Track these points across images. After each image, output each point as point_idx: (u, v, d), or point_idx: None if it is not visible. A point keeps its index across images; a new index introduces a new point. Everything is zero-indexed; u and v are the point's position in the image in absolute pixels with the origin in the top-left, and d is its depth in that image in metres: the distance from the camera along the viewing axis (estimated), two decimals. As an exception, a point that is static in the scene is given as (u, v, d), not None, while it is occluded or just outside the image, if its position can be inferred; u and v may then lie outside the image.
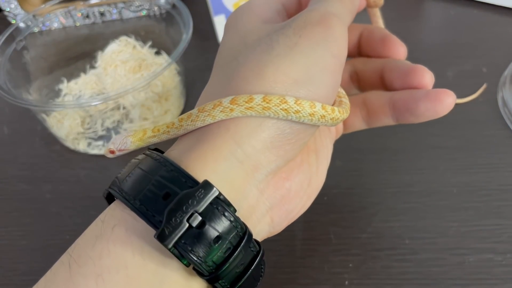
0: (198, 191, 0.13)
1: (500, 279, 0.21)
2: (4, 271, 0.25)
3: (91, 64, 0.36)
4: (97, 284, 0.12)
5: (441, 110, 0.18)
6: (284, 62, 0.15)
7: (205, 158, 0.14)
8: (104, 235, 0.13)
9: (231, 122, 0.15)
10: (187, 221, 0.13)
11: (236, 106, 0.14)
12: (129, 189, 0.14)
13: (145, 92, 0.31)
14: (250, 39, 0.16)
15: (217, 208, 0.13)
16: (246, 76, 0.15)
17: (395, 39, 0.20)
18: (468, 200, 0.25)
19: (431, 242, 0.23)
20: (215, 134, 0.15)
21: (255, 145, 0.14)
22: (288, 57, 0.15)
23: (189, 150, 0.15)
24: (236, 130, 0.14)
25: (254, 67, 0.15)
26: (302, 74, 0.15)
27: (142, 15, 0.39)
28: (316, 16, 0.15)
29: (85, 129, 0.32)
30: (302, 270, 0.23)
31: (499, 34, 0.37)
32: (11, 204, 0.29)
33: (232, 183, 0.14)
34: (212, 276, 0.13)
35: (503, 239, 0.23)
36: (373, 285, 0.22)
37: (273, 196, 0.16)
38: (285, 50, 0.15)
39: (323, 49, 0.15)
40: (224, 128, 0.15)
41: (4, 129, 0.34)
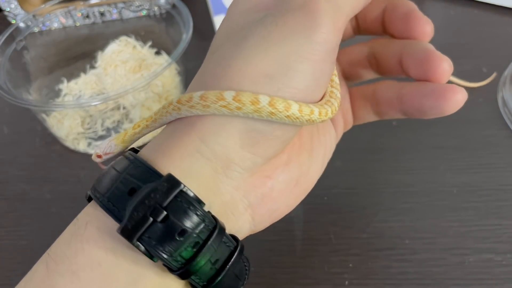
0: (161, 185, 0.13)
1: (500, 279, 0.21)
2: (4, 271, 0.25)
3: (91, 64, 0.36)
4: (72, 282, 0.12)
5: (448, 109, 0.16)
6: (254, 54, 0.13)
7: (172, 155, 0.14)
8: (79, 233, 0.13)
9: (198, 119, 0.14)
10: (150, 215, 0.12)
11: (207, 103, 0.13)
12: (100, 187, 0.13)
13: (145, 92, 0.31)
14: (233, 29, 0.15)
15: (182, 202, 0.13)
16: (214, 71, 0.14)
17: (420, 15, 0.17)
18: (468, 200, 0.25)
19: (431, 242, 0.23)
20: (182, 132, 0.14)
21: (223, 143, 0.14)
22: (259, 48, 0.13)
23: (158, 148, 0.14)
24: (201, 128, 0.14)
25: (221, 60, 0.14)
26: (274, 66, 0.13)
27: (142, 15, 0.39)
28: (300, 0, 0.14)
29: (85, 129, 0.32)
30: (302, 270, 0.23)
31: (499, 34, 0.37)
32: (11, 204, 0.29)
33: (201, 180, 0.14)
34: (181, 271, 0.13)
35: (503, 239, 0.23)
36: (373, 285, 0.22)
37: (253, 194, 0.15)
38: (258, 40, 0.14)
39: (302, 37, 0.13)
40: (189, 125, 0.14)
41: (4, 129, 0.34)
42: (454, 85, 0.16)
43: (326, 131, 0.19)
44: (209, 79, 0.14)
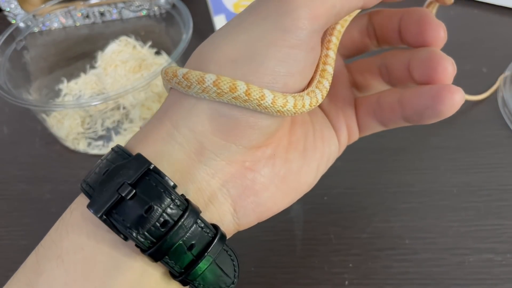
0: (130, 163, 0.13)
1: (500, 279, 0.21)
2: (4, 271, 0.25)
3: (91, 64, 0.36)
4: (57, 265, 0.13)
5: (444, 109, 0.15)
6: (222, 39, 0.14)
7: (146, 140, 0.14)
8: (65, 219, 0.14)
9: (170, 104, 0.15)
10: (117, 190, 0.12)
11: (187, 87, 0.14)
12: (86, 176, 0.14)
13: (145, 92, 0.31)
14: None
15: (150, 180, 0.13)
16: (190, 61, 0.15)
17: (432, 19, 0.17)
18: (468, 200, 0.25)
19: (431, 242, 0.23)
20: (156, 118, 0.15)
21: (192, 128, 0.14)
22: (229, 35, 0.14)
23: (137, 135, 0.15)
24: (172, 113, 0.14)
25: (197, 50, 0.15)
26: (242, 51, 0.13)
27: (142, 15, 0.39)
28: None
29: (85, 129, 0.32)
30: (302, 270, 0.23)
31: (499, 34, 0.37)
32: (11, 204, 0.29)
33: (175, 165, 0.14)
34: (151, 251, 0.12)
35: (503, 239, 0.23)
36: (373, 285, 0.22)
37: (232, 184, 0.15)
38: (229, 28, 0.14)
39: (271, 23, 0.13)
40: (163, 111, 0.15)
41: (4, 129, 0.34)
42: (451, 84, 0.16)
43: (325, 137, 0.18)
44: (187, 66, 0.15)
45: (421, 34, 0.17)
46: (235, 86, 0.13)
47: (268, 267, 0.23)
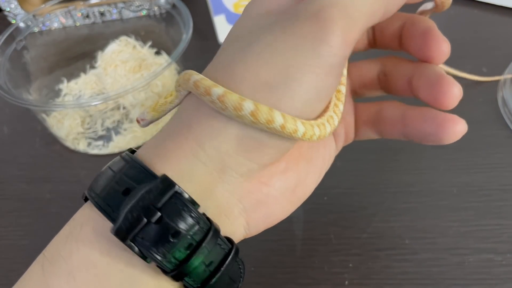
0: (156, 186, 0.13)
1: (500, 279, 0.21)
2: (4, 271, 0.25)
3: (91, 64, 0.36)
4: (68, 282, 0.12)
5: (445, 138, 0.16)
6: (256, 61, 0.13)
7: (168, 156, 0.14)
8: (74, 234, 0.13)
9: (195, 121, 0.14)
10: (144, 216, 0.12)
11: (202, 95, 0.13)
12: (96, 187, 0.13)
13: (145, 92, 0.31)
14: (241, 33, 0.15)
15: (176, 203, 0.13)
16: (215, 74, 0.14)
17: (438, 33, 0.17)
18: (468, 200, 0.25)
19: (431, 242, 0.23)
20: (179, 134, 0.14)
21: (218, 147, 0.14)
22: (262, 55, 0.13)
23: (155, 148, 0.14)
24: (198, 131, 0.14)
25: (225, 63, 0.14)
26: (276, 76, 0.13)
27: (142, 15, 0.39)
28: (313, 8, 0.13)
29: (85, 129, 0.32)
30: (302, 270, 0.23)
31: (499, 34, 0.37)
32: (11, 204, 0.29)
33: (196, 183, 0.14)
34: (175, 273, 0.13)
35: (503, 239, 0.23)
36: (373, 285, 0.22)
37: (248, 199, 0.15)
38: (262, 47, 0.13)
39: (308, 48, 0.13)
40: (187, 127, 0.14)
41: (4, 129, 0.34)
42: (455, 115, 0.16)
43: (326, 143, 0.18)
44: (213, 80, 0.14)
45: (426, 48, 0.17)
46: (272, 119, 0.13)
47: (268, 267, 0.23)
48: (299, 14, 0.13)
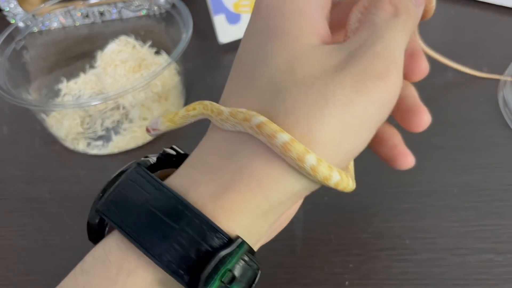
0: (234, 251, 0.13)
1: (501, 279, 0.21)
2: (4, 271, 0.25)
3: (90, 64, 0.36)
4: None
5: (397, 167, 0.18)
6: (334, 124, 0.13)
7: (233, 210, 0.13)
8: (119, 283, 0.13)
9: (264, 175, 0.13)
10: (222, 281, 0.13)
11: (260, 135, 0.13)
12: (149, 237, 0.13)
13: (145, 92, 0.31)
14: (300, 69, 0.14)
15: (248, 264, 0.13)
16: (286, 120, 0.13)
17: (423, 110, 0.17)
18: (469, 200, 0.25)
19: (432, 242, 0.23)
20: (245, 186, 0.13)
21: (281, 199, 0.14)
22: (339, 117, 0.13)
23: (217, 198, 0.13)
24: (267, 185, 0.14)
25: (301, 119, 0.13)
26: (356, 144, 0.14)
27: (142, 15, 0.38)
28: (380, 66, 0.13)
29: (84, 129, 0.32)
30: (302, 270, 0.23)
31: (500, 34, 0.37)
32: (11, 204, 0.29)
33: (256, 235, 0.14)
34: None
35: (504, 239, 0.23)
36: (373, 285, 0.22)
37: (276, 225, 0.16)
38: (339, 108, 0.13)
39: (375, 112, 0.14)
40: (256, 181, 0.13)
41: (4, 129, 0.34)
42: (407, 151, 0.18)
43: None
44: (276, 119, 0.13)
45: (410, 72, 0.17)
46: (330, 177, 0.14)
47: (268, 268, 0.23)
48: (368, 71, 0.13)
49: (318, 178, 0.13)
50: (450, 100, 0.31)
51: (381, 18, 0.14)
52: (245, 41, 0.16)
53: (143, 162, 0.15)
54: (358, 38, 0.14)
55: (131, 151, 0.31)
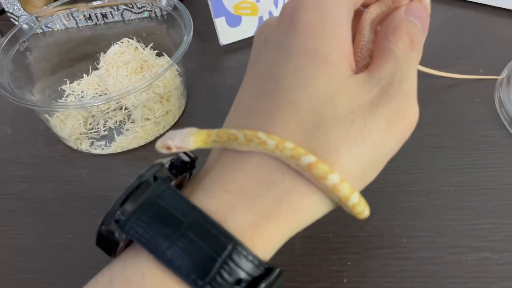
0: (273, 280, 0.13)
1: (497, 277, 0.22)
2: (6, 270, 0.25)
3: (93, 65, 0.37)
4: None
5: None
6: (367, 161, 0.14)
7: (270, 239, 0.14)
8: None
9: (302, 207, 0.14)
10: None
11: (307, 172, 0.14)
12: (191, 269, 0.12)
13: (147, 93, 0.31)
14: (340, 103, 0.14)
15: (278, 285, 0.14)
16: (329, 156, 0.14)
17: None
18: (466, 199, 0.25)
19: (429, 241, 0.24)
20: (283, 216, 0.14)
21: (309, 223, 0.15)
22: (372, 156, 0.14)
23: (256, 227, 0.14)
24: (302, 216, 0.14)
25: (341, 156, 0.14)
26: (370, 171, 0.15)
27: (144, 17, 0.39)
28: (408, 106, 0.15)
29: (87, 129, 0.32)
30: (301, 268, 0.23)
31: (497, 36, 0.37)
32: (13, 203, 0.29)
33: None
34: None
35: (500, 238, 0.23)
36: (371, 283, 0.22)
37: None
38: (374, 148, 0.14)
39: (398, 147, 0.15)
40: (293, 212, 0.14)
41: (7, 129, 0.35)
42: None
43: None
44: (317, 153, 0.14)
45: None
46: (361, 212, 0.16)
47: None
48: (398, 111, 0.14)
49: (357, 214, 0.15)
50: (447, 101, 0.32)
51: (400, 50, 0.15)
52: (278, 55, 0.15)
53: (168, 177, 0.14)
54: (385, 72, 0.15)
55: (134, 151, 0.32)
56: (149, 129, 0.32)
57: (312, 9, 0.15)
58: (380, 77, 0.15)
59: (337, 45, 0.15)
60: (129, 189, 0.14)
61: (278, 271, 0.13)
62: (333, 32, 0.15)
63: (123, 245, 0.14)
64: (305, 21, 0.15)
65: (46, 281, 0.24)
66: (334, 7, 0.15)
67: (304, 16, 0.15)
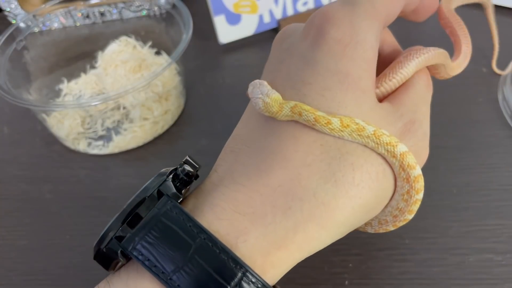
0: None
1: (500, 279, 0.22)
2: (4, 271, 0.25)
3: (91, 64, 0.36)
4: None
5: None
6: (379, 196, 0.15)
7: (281, 266, 0.13)
8: None
9: (315, 237, 0.13)
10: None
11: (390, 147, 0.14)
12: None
13: (145, 92, 0.31)
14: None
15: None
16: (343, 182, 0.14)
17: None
18: (468, 200, 0.25)
19: (431, 242, 0.23)
20: (297, 245, 0.13)
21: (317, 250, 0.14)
22: (384, 191, 0.15)
23: (267, 253, 0.13)
24: (313, 245, 0.14)
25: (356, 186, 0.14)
26: (377, 205, 0.16)
27: (142, 15, 0.39)
28: (424, 145, 0.16)
29: (85, 129, 0.32)
30: (302, 270, 0.23)
31: (500, 34, 0.37)
32: (11, 204, 0.29)
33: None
34: None
35: (503, 239, 0.23)
36: (373, 285, 0.22)
37: None
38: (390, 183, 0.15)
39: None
40: (306, 243, 0.14)
41: (4, 129, 0.35)
42: None
43: None
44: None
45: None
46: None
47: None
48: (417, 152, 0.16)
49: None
50: (449, 100, 0.31)
51: (422, 87, 0.16)
52: (305, 70, 0.14)
53: (174, 195, 0.14)
54: (407, 109, 0.15)
55: (132, 151, 0.31)
56: (147, 129, 0.31)
57: (346, 27, 0.14)
58: (403, 112, 0.15)
59: (367, 70, 0.14)
60: (133, 204, 0.13)
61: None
62: (364, 56, 0.14)
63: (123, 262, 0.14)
64: (337, 40, 0.14)
65: (44, 282, 0.24)
66: (367, 29, 0.14)
67: (336, 34, 0.14)
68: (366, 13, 0.14)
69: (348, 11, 0.14)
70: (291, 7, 0.40)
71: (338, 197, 0.13)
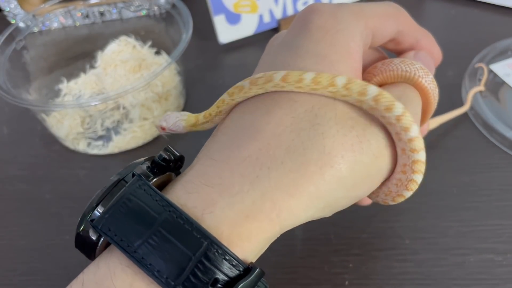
0: (251, 280, 0.12)
1: (501, 279, 0.21)
2: (3, 271, 0.25)
3: (91, 64, 0.36)
4: None
5: None
6: (360, 173, 0.14)
7: (250, 239, 0.13)
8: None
9: (285, 208, 0.13)
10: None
11: (287, 84, 0.13)
12: (164, 268, 0.12)
13: (145, 92, 0.31)
14: (341, 107, 0.14)
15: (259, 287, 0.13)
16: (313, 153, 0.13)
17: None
18: (469, 200, 0.25)
19: (432, 242, 0.23)
20: (266, 215, 0.13)
21: (293, 227, 0.14)
22: (366, 167, 0.14)
23: (235, 224, 0.13)
24: (285, 218, 0.13)
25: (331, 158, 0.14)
26: (362, 184, 0.15)
27: (142, 15, 0.39)
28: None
29: (85, 129, 0.32)
30: (302, 270, 0.23)
31: (500, 34, 0.37)
32: (11, 204, 0.29)
33: (262, 252, 0.14)
34: None
35: (504, 239, 0.23)
36: (373, 285, 0.22)
37: None
38: (370, 158, 0.14)
39: (392, 169, 0.16)
40: (276, 213, 0.13)
41: (4, 129, 0.34)
42: None
43: None
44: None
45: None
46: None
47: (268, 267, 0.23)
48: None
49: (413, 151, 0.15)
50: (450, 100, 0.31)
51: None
52: (287, 55, 0.15)
53: (145, 174, 0.14)
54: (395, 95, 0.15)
55: (131, 151, 0.31)
56: (147, 129, 0.31)
57: (328, 16, 0.15)
58: None
59: (345, 56, 0.15)
60: (107, 188, 0.14)
61: (258, 272, 0.12)
62: (344, 45, 0.15)
63: (101, 246, 0.14)
64: (319, 26, 0.15)
65: (43, 282, 0.24)
66: (349, 21, 0.15)
67: (319, 21, 0.15)
68: (353, 11, 0.15)
69: (335, 6, 0.15)
70: (291, 6, 0.40)
71: (306, 165, 0.13)
